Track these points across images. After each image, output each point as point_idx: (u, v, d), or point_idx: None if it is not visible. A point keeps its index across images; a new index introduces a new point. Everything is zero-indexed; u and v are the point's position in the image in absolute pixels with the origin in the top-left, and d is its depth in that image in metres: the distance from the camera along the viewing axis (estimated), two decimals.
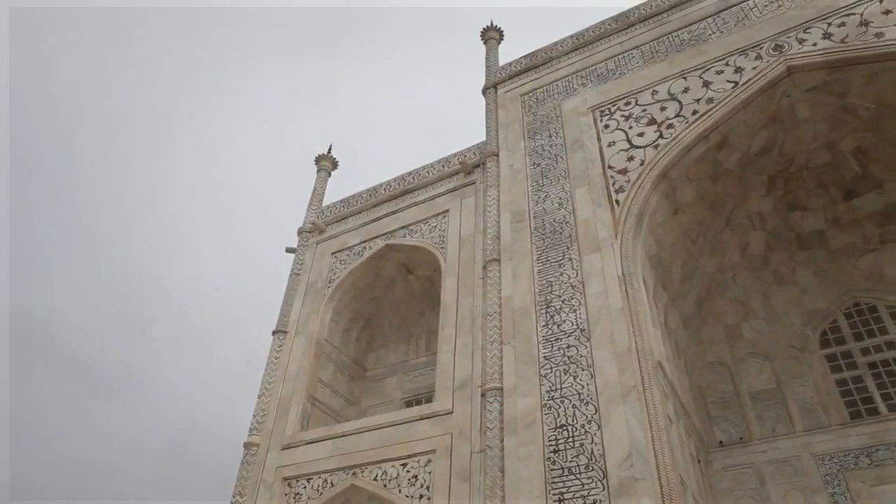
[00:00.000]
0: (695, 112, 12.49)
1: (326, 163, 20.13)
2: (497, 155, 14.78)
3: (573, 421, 9.62)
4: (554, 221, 12.53)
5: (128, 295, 62.63)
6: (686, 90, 12.98)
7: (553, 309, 11.18)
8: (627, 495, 8.49)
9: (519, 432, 9.98)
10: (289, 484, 12.44)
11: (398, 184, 17.03)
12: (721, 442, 13.25)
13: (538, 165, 13.82)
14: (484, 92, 16.98)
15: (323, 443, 12.59)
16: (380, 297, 16.84)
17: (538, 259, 12.13)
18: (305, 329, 15.28)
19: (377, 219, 16.66)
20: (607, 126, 13.48)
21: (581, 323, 10.67)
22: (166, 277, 65.63)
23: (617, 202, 12.04)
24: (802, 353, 13.73)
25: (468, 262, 13.61)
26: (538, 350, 10.78)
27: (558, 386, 10.15)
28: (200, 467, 52.89)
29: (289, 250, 17.74)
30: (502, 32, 19.21)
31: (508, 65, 17.07)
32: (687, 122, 12.44)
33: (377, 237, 16.21)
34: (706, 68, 13.07)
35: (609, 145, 13.09)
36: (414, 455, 11.28)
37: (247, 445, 13.42)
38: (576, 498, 8.86)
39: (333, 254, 16.76)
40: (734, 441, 13.16)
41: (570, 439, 9.44)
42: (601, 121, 13.70)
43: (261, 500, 12.36)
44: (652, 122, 12.88)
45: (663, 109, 12.96)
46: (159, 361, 62.49)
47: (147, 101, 70.93)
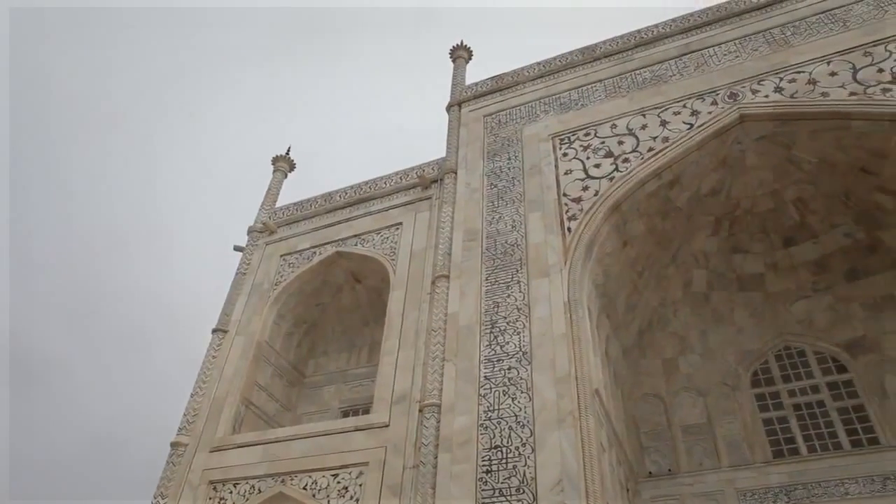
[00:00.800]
0: (650, 149, 12.85)
1: (283, 164, 19.86)
2: (455, 172, 14.86)
3: (508, 442, 9.66)
4: (506, 243, 12.64)
5: (62, 286, 60.37)
6: (644, 127, 13.35)
7: (498, 329, 11.25)
8: None
9: (453, 450, 9.95)
10: (214, 487, 12.08)
11: (354, 192, 16.93)
12: (650, 472, 13.51)
13: (495, 186, 13.96)
14: (448, 109, 17.10)
15: (254, 447, 12.29)
16: (325, 304, 16.65)
17: (487, 279, 12.20)
18: (247, 330, 14.96)
19: (330, 225, 16.50)
20: (566, 154, 13.74)
21: (524, 346, 10.76)
22: (105, 270, 63.60)
23: (569, 229, 12.24)
24: (734, 391, 14.17)
25: (417, 276, 13.59)
26: (479, 369, 10.81)
27: (496, 406, 10.18)
28: (127, 466, 50.95)
29: (237, 248, 17.37)
30: (471, 51, 19.45)
31: (474, 85, 17.26)
32: (642, 158, 12.78)
33: (328, 243, 16.05)
34: (665, 108, 13.48)
35: (566, 173, 13.33)
36: (346, 466, 11.14)
37: (173, 445, 12.95)
38: None
39: (282, 256, 16.50)
40: (663, 472, 13.44)
41: (504, 461, 9.48)
42: (560, 148, 13.95)
43: (184, 502, 11.97)
44: (609, 155, 13.18)
45: (621, 143, 13.29)
46: (94, 356, 60.14)
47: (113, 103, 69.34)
